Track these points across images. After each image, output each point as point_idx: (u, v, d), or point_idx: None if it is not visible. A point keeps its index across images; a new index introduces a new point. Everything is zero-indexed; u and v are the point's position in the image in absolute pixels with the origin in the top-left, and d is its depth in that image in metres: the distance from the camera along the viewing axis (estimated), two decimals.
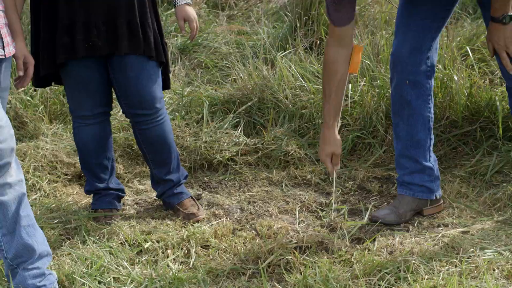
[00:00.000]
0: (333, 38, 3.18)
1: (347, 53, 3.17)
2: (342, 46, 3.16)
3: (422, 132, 3.43)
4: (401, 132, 3.45)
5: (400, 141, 3.48)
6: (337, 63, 3.17)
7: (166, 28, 6.27)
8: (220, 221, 3.50)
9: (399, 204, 3.49)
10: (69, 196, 3.86)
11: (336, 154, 3.25)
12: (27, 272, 2.69)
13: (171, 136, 3.55)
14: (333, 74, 3.18)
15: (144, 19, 3.29)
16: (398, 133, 3.47)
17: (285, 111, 4.57)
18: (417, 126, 3.42)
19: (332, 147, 3.24)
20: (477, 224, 3.35)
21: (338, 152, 3.24)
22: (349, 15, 3.12)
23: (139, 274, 2.93)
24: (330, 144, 3.24)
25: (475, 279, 2.79)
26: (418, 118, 3.41)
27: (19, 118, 4.66)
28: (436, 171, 3.52)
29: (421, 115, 3.41)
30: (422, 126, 3.43)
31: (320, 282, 2.77)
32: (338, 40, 3.16)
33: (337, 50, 3.16)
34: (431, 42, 3.35)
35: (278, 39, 5.62)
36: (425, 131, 3.44)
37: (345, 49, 3.16)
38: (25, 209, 2.68)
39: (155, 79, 3.38)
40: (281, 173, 4.16)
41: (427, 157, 3.47)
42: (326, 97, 3.22)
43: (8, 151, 2.57)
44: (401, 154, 3.49)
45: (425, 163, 3.47)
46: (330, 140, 3.24)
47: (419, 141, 3.44)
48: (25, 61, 2.94)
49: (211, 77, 5.47)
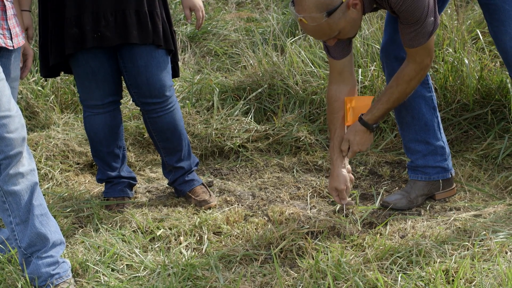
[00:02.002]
0: (333, 74, 3.23)
1: (348, 89, 3.22)
2: (342, 81, 3.22)
3: (428, 113, 3.42)
4: (406, 118, 3.43)
5: (407, 127, 3.47)
6: (338, 101, 3.23)
7: (175, 16, 6.27)
8: (232, 207, 3.51)
9: (410, 189, 3.48)
10: (81, 185, 3.88)
11: (339, 189, 3.27)
12: (41, 260, 2.71)
13: (182, 124, 3.55)
14: (335, 111, 3.25)
15: (152, 8, 3.29)
16: (403, 120, 3.46)
17: (295, 97, 4.57)
18: (421, 109, 3.41)
19: (335, 182, 3.28)
20: (489, 207, 3.34)
21: (340, 188, 3.27)
22: (345, 48, 3.16)
23: (152, 261, 2.95)
24: (333, 179, 3.29)
25: (488, 262, 2.79)
26: (420, 101, 3.40)
27: (30, 108, 4.68)
28: (447, 149, 3.51)
29: (423, 97, 3.40)
30: (426, 107, 3.42)
31: (333, 267, 2.77)
32: (338, 74, 3.21)
33: (338, 87, 3.22)
34: None
35: (288, 25, 5.61)
36: (430, 111, 3.43)
37: (346, 85, 3.22)
38: (37, 198, 2.69)
39: (164, 67, 3.38)
40: (292, 159, 4.16)
41: (437, 136, 3.47)
42: (331, 134, 3.30)
43: (20, 141, 2.59)
44: (410, 139, 3.48)
45: (436, 143, 3.46)
46: (333, 175, 3.29)
47: (426, 122, 3.43)
48: (24, 53, 2.96)
49: (221, 64, 5.48)
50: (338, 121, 3.25)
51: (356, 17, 2.92)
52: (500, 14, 3.20)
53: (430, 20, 2.94)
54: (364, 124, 3.17)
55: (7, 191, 2.62)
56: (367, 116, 3.17)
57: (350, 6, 2.87)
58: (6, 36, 2.74)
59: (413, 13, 2.90)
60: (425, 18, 2.91)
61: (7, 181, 2.60)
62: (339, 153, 3.26)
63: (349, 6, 2.86)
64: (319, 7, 2.82)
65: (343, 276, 2.72)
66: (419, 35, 2.96)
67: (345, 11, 2.86)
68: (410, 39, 2.98)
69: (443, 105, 4.22)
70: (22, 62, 2.95)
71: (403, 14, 2.92)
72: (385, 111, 3.18)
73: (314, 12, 2.83)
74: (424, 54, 3.03)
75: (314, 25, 2.87)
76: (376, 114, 3.17)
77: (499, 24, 3.22)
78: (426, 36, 2.97)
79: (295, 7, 2.89)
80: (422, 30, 2.95)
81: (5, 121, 2.54)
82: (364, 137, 3.20)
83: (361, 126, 3.18)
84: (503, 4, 3.17)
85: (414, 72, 3.07)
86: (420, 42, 2.98)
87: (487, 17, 3.28)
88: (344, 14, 2.87)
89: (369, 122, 3.17)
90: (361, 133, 3.19)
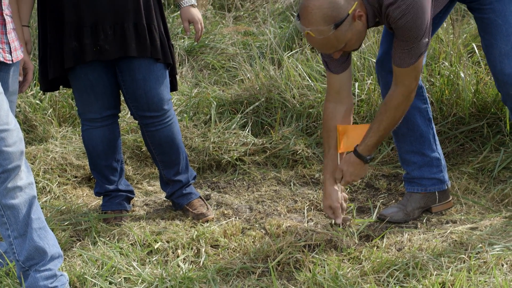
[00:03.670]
0: (331, 92, 3.24)
1: (345, 109, 3.23)
2: (339, 101, 3.22)
3: (423, 125, 3.44)
4: (401, 129, 3.45)
5: (402, 139, 3.48)
6: (334, 119, 3.24)
7: (172, 30, 6.29)
8: (229, 220, 3.52)
9: (407, 202, 3.49)
10: (79, 198, 3.89)
11: (333, 207, 3.29)
12: (39, 274, 2.71)
13: (180, 137, 3.57)
14: (330, 130, 3.26)
15: (150, 21, 3.31)
16: (398, 132, 3.47)
17: (292, 111, 4.58)
18: (416, 120, 3.42)
19: (328, 201, 3.30)
20: (485, 220, 3.35)
21: (334, 206, 3.28)
22: (345, 62, 3.18)
23: (149, 274, 2.95)
24: (326, 197, 3.31)
25: (484, 275, 2.79)
26: (415, 113, 3.41)
27: (28, 122, 4.69)
28: (443, 160, 3.53)
29: (418, 108, 3.41)
30: (421, 119, 3.43)
31: (330, 280, 2.78)
32: (336, 93, 3.22)
33: (335, 106, 3.23)
34: None
35: (285, 39, 5.64)
36: (425, 123, 3.45)
37: (342, 105, 3.23)
38: (36, 211, 2.70)
39: (162, 81, 3.40)
40: (289, 172, 4.18)
41: (433, 147, 3.48)
42: (325, 152, 3.31)
43: (18, 154, 2.60)
44: (406, 151, 3.50)
45: (432, 154, 3.47)
46: (326, 194, 3.31)
47: (422, 134, 3.44)
48: (24, 67, 2.97)
49: (218, 78, 5.50)
50: (333, 140, 3.25)
51: (362, 29, 2.94)
52: (492, 28, 3.22)
53: (425, 41, 2.96)
54: (359, 156, 3.18)
55: (5, 205, 2.63)
56: (361, 147, 3.16)
57: (356, 18, 2.89)
58: (5, 50, 2.76)
59: (410, 31, 2.91)
60: (421, 38, 2.93)
61: (5, 194, 2.61)
62: (331, 173, 3.27)
63: (355, 18, 2.89)
64: (326, 19, 2.84)
65: None
66: (411, 55, 2.97)
67: (351, 22, 2.88)
68: (402, 58, 2.99)
69: (439, 119, 4.24)
70: (22, 76, 2.97)
71: (400, 31, 2.94)
72: (377, 139, 3.17)
73: (321, 25, 2.85)
74: (412, 76, 3.04)
75: (321, 38, 2.88)
76: (368, 144, 3.16)
77: (490, 38, 3.24)
78: (417, 56, 2.98)
79: (301, 21, 2.90)
80: (415, 50, 2.96)
81: (3, 135, 2.55)
82: (357, 168, 3.20)
83: (355, 157, 3.19)
84: (496, 18, 3.20)
85: (402, 97, 3.07)
86: (410, 62, 2.99)
87: (480, 31, 3.31)
88: (351, 26, 2.89)
89: (363, 154, 3.17)
90: (355, 164, 3.20)
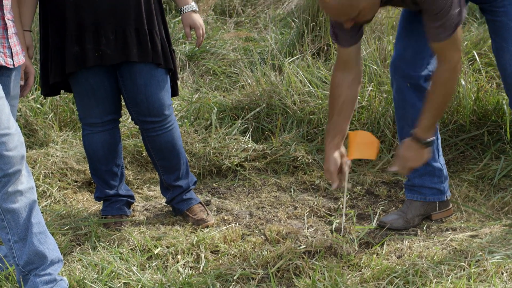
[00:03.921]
0: (339, 61, 3.24)
1: (352, 78, 3.21)
2: (347, 70, 3.21)
3: None
4: (407, 135, 3.45)
5: None
6: (340, 87, 3.22)
7: (174, 35, 6.30)
8: (229, 226, 3.52)
9: (407, 209, 3.49)
10: (79, 203, 3.89)
11: (330, 171, 3.25)
12: (39, 278, 2.71)
13: (180, 143, 3.57)
14: (336, 97, 3.24)
15: (151, 26, 3.32)
16: (404, 137, 3.47)
17: (293, 117, 4.59)
18: None
19: (326, 164, 3.27)
20: (485, 228, 3.35)
21: (331, 170, 3.23)
22: (354, 36, 3.16)
23: (149, 279, 2.95)
24: (326, 162, 3.28)
25: (484, 283, 2.80)
26: None
27: (29, 126, 4.69)
28: (445, 171, 3.52)
29: None
30: None
31: (329, 287, 2.78)
32: (343, 63, 3.21)
33: (342, 75, 3.22)
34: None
35: (286, 45, 5.64)
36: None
37: (350, 74, 3.21)
38: (36, 216, 2.70)
39: (163, 86, 3.40)
40: (290, 179, 4.18)
41: (435, 157, 3.48)
42: (329, 117, 3.29)
43: (19, 159, 2.60)
44: None
45: (434, 164, 3.47)
46: (326, 157, 3.28)
47: None
48: (26, 71, 2.98)
49: (219, 83, 5.50)
50: (338, 107, 3.22)
51: (376, 0, 2.91)
52: (504, 31, 3.21)
53: (455, 12, 2.91)
54: (417, 140, 3.13)
55: (6, 209, 2.63)
56: (417, 130, 3.12)
57: None
58: (7, 54, 2.77)
59: (435, 3, 2.87)
60: (449, 9, 2.89)
61: (6, 199, 2.61)
62: (333, 138, 3.22)
63: None
64: None
65: None
66: (445, 28, 2.93)
67: None
68: (436, 33, 2.95)
69: (440, 126, 4.24)
70: (23, 80, 2.97)
71: (426, 5, 2.91)
72: (432, 120, 3.11)
73: None
74: (451, 49, 2.99)
75: (335, 3, 2.83)
76: (423, 126, 3.11)
77: (501, 41, 3.23)
78: (451, 28, 2.93)
79: None
80: (448, 22, 2.91)
81: (4, 139, 2.56)
82: (417, 153, 3.14)
83: (413, 142, 3.13)
84: (508, 22, 3.19)
85: (447, 73, 3.03)
86: (446, 36, 2.94)
87: (491, 33, 3.30)
88: None
89: (420, 135, 3.12)
90: (414, 149, 3.14)
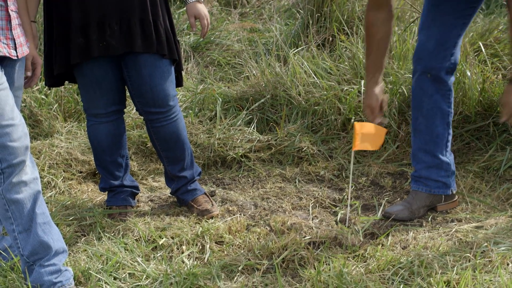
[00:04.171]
0: (371, 2, 3.23)
1: (384, 17, 3.21)
2: (379, 10, 3.21)
3: (441, 127, 3.43)
4: (420, 126, 3.45)
5: (418, 135, 3.48)
6: (375, 26, 3.23)
7: (178, 26, 6.28)
8: (234, 217, 3.52)
9: (412, 200, 3.49)
10: (84, 194, 3.89)
11: (372, 107, 3.27)
12: (43, 268, 2.71)
13: (185, 133, 3.56)
14: (372, 35, 3.25)
15: (156, 17, 3.30)
16: (417, 127, 3.47)
17: (298, 108, 4.58)
18: (436, 120, 3.42)
19: (367, 100, 3.29)
20: (491, 219, 3.34)
21: (373, 105, 3.26)
22: None
23: (154, 270, 2.95)
24: (367, 97, 3.30)
25: (489, 274, 2.79)
26: (437, 112, 3.41)
27: (34, 117, 4.69)
28: (453, 166, 3.52)
29: (440, 109, 3.41)
30: (441, 120, 3.43)
31: (334, 277, 2.78)
32: (375, 4, 3.21)
33: (375, 14, 3.22)
34: (456, 39, 3.35)
35: (291, 36, 5.63)
36: (443, 126, 3.44)
37: (382, 13, 3.21)
38: (40, 206, 2.70)
39: (168, 77, 3.39)
40: (295, 169, 4.17)
41: (443, 151, 3.47)
42: (367, 55, 3.31)
43: (23, 149, 2.60)
44: (419, 148, 3.50)
45: (443, 158, 3.47)
46: (367, 94, 3.30)
47: (438, 136, 3.44)
48: (33, 62, 2.97)
49: (224, 74, 5.49)
50: (375, 44, 3.24)
51: None
52: None
53: None
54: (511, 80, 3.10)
55: (10, 200, 2.63)
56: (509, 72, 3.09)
57: None
58: (10, 46, 2.75)
59: None
60: None
61: (10, 189, 2.61)
62: (373, 74, 3.25)
63: None
64: None
65: (344, 286, 2.72)
66: None
67: None
68: None
69: None
70: (31, 71, 2.96)
71: None
72: None
73: None
74: None
75: None
76: None
77: None
78: None
79: None
80: None
81: (9, 130, 2.55)
82: None
83: (510, 86, 3.07)
84: None
85: None
86: None
87: None
88: None
89: None
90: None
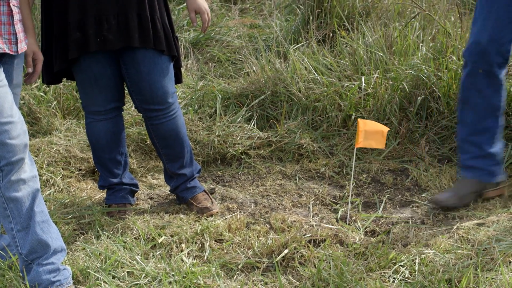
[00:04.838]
0: None
1: None
2: None
3: (490, 119, 3.43)
4: (467, 117, 3.44)
5: (465, 126, 3.48)
6: None
7: (178, 22, 6.27)
8: (233, 215, 3.50)
9: (460, 186, 3.48)
10: (82, 191, 3.88)
11: None
12: (42, 267, 2.70)
13: (184, 131, 3.55)
14: None
15: (153, 13, 3.28)
16: (464, 118, 3.46)
17: (298, 104, 4.56)
18: (486, 114, 3.42)
19: None
20: (493, 216, 3.33)
21: None
22: None
23: (153, 268, 2.93)
24: None
25: (491, 271, 2.77)
26: (487, 106, 3.41)
27: (32, 114, 4.67)
28: (500, 156, 3.51)
29: (491, 103, 3.41)
30: (491, 113, 3.42)
31: (335, 276, 2.76)
32: None
33: None
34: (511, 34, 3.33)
35: (291, 32, 5.61)
36: (493, 118, 3.44)
37: None
38: (39, 205, 2.69)
39: (167, 73, 3.38)
40: (295, 166, 4.15)
41: (491, 143, 3.46)
42: None
43: (22, 147, 2.58)
44: (465, 139, 3.50)
45: (490, 150, 3.46)
46: None
47: (487, 129, 3.44)
48: (34, 58, 2.94)
49: (223, 71, 5.47)
50: None
51: None
52: None
53: None
54: None
55: (9, 198, 2.62)
56: None
57: None
58: (12, 41, 2.73)
59: None
60: None
61: (9, 187, 2.60)
62: None
63: None
64: None
65: (345, 285, 2.70)
66: None
67: None
68: None
69: (447, 113, 4.21)
70: (32, 67, 2.94)
71: None
72: None
73: None
74: None
75: None
76: None
77: None
78: None
79: None
80: None
81: (7, 127, 2.54)
82: None
83: None
84: None
85: None
86: None
87: None
88: None
89: None
90: None
